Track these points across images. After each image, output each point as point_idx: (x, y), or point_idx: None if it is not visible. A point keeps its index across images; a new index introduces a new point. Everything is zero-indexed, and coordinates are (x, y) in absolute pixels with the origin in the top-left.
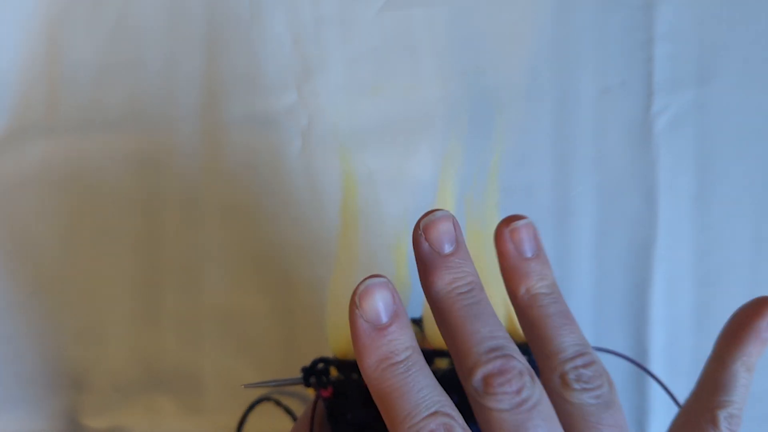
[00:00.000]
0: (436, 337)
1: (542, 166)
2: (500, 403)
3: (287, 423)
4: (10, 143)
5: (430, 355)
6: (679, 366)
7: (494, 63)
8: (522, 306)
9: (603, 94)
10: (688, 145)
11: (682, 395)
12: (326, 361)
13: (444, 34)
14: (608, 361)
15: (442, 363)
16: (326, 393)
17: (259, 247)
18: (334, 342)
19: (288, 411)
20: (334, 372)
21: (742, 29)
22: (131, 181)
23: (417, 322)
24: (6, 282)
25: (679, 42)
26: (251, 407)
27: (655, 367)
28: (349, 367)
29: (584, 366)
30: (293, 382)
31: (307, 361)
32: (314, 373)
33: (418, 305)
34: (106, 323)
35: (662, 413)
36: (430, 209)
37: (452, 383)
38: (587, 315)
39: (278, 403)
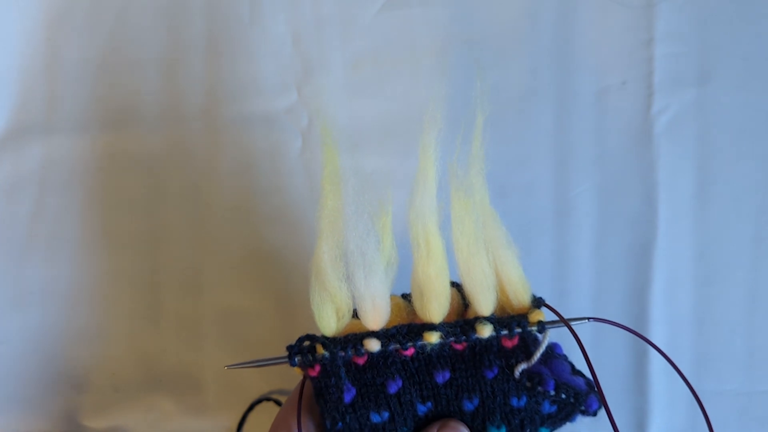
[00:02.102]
0: (422, 309)
1: (542, 166)
2: None
3: None
4: (10, 143)
5: (419, 329)
6: (679, 365)
7: (494, 63)
8: None
9: (603, 94)
10: (688, 145)
11: (682, 394)
12: (312, 339)
13: (444, 34)
14: (609, 360)
15: (431, 337)
16: (313, 372)
17: (259, 247)
18: (321, 318)
19: None
20: (320, 350)
21: (742, 29)
22: (131, 181)
23: (406, 297)
24: (6, 282)
25: (679, 42)
26: (251, 407)
27: (655, 365)
28: (337, 344)
29: None
30: (278, 361)
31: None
32: (300, 352)
33: (406, 279)
34: (106, 323)
35: (662, 413)
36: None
37: (444, 359)
38: (587, 315)
39: (278, 403)
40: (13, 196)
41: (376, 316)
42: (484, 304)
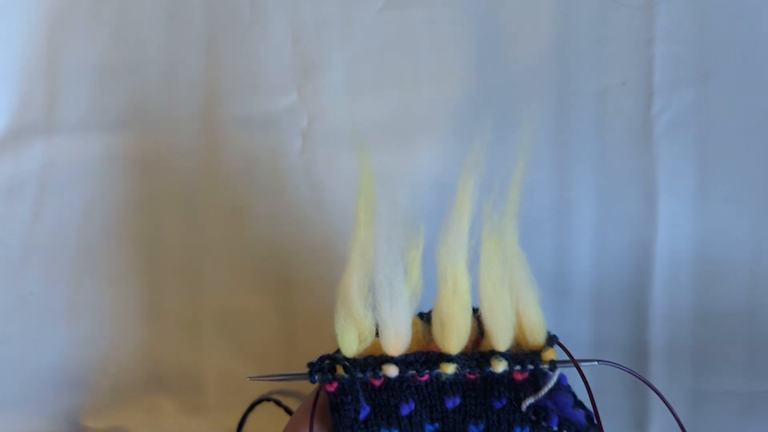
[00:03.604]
0: (442, 340)
1: (542, 166)
2: None
3: None
4: (10, 143)
5: (437, 360)
6: (679, 366)
7: (494, 63)
8: None
9: (603, 94)
10: (688, 145)
11: (683, 395)
12: (333, 359)
13: (444, 34)
14: (609, 360)
15: (448, 368)
16: (331, 388)
17: (259, 247)
18: (343, 341)
19: (288, 411)
20: (339, 370)
21: (742, 29)
22: (131, 182)
23: (423, 316)
24: (6, 282)
25: (679, 42)
26: (251, 407)
27: (655, 366)
28: (357, 366)
29: None
30: (298, 378)
31: (306, 361)
32: (320, 370)
33: (429, 303)
34: (106, 323)
35: (662, 414)
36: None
37: (456, 386)
38: (587, 315)
39: (278, 404)
40: (13, 196)
41: (398, 344)
42: (502, 341)
